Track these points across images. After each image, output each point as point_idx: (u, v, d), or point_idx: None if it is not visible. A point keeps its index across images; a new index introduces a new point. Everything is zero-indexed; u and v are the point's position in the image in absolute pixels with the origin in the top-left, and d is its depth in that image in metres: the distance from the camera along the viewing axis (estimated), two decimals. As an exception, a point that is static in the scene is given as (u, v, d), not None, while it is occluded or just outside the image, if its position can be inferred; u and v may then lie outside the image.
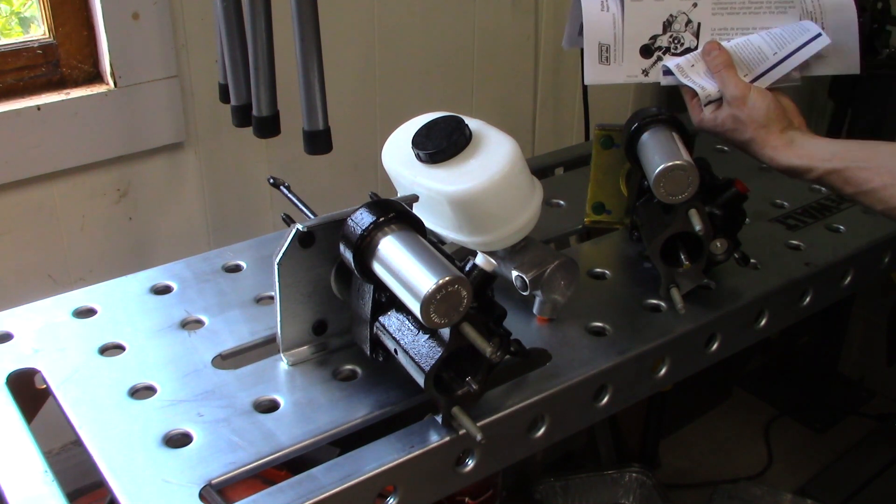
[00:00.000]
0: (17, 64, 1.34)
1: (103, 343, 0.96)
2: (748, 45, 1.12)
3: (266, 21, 1.21)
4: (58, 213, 1.38)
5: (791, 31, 1.12)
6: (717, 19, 1.14)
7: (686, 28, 1.13)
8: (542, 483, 1.93)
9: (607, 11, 1.14)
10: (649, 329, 1.01)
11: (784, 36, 1.12)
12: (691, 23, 1.13)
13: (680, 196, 0.99)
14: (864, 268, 1.24)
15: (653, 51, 1.14)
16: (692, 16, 1.13)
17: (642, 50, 1.14)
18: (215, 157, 1.52)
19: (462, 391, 0.81)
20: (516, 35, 1.86)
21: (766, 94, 1.05)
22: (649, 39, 1.14)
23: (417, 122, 1.03)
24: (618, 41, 1.13)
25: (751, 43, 1.12)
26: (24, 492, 0.77)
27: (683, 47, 1.14)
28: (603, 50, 1.13)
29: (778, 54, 1.10)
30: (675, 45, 1.14)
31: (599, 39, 1.13)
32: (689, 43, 1.14)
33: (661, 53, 1.14)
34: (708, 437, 2.29)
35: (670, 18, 1.13)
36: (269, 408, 0.87)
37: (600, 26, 1.13)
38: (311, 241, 0.89)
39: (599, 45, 1.13)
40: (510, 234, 1.00)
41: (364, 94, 1.67)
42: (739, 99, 1.05)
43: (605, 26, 1.13)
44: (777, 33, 1.13)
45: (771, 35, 1.13)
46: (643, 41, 1.14)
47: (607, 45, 1.13)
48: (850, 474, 2.15)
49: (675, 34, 1.14)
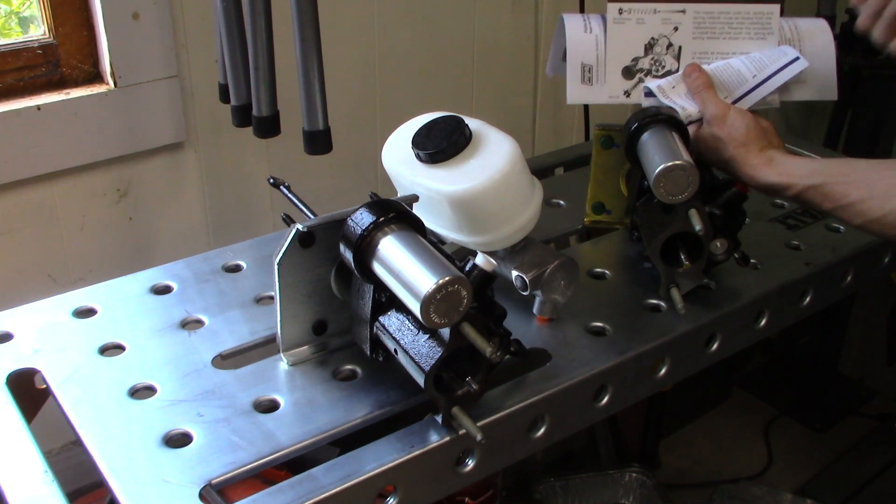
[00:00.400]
0: (17, 64, 1.33)
1: (103, 343, 0.96)
2: (728, 68, 1.15)
3: (266, 21, 1.21)
4: (58, 213, 1.38)
5: (770, 55, 1.15)
6: (697, 43, 1.17)
7: (667, 51, 1.16)
8: (542, 483, 1.93)
9: (590, 33, 1.16)
10: (649, 329, 1.01)
11: (763, 59, 1.15)
12: (672, 46, 1.16)
13: (680, 196, 0.99)
14: (864, 268, 1.24)
15: (634, 72, 1.17)
16: (673, 39, 1.16)
17: (624, 71, 1.17)
18: (215, 157, 1.52)
19: (462, 391, 0.81)
20: (516, 35, 1.86)
21: (745, 114, 1.06)
22: (631, 61, 1.17)
23: (417, 122, 1.03)
24: (600, 62, 1.16)
25: (730, 66, 1.15)
26: (24, 492, 0.77)
27: (664, 70, 1.17)
28: (585, 70, 1.16)
29: (757, 77, 1.13)
30: (656, 68, 1.17)
31: (582, 60, 1.16)
32: (670, 66, 1.17)
33: (642, 75, 1.17)
34: (708, 437, 2.29)
35: (652, 41, 1.16)
36: (269, 408, 0.87)
37: (583, 47, 1.16)
38: (311, 241, 0.89)
39: (582, 65, 1.16)
40: (510, 234, 1.00)
41: (364, 94, 1.67)
42: (720, 118, 1.06)
43: (588, 47, 1.16)
44: (756, 57, 1.15)
45: (750, 59, 1.15)
46: (625, 63, 1.17)
47: (590, 65, 1.16)
48: (850, 474, 2.15)
49: (656, 56, 1.16)
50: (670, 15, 1.15)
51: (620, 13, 1.15)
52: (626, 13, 1.15)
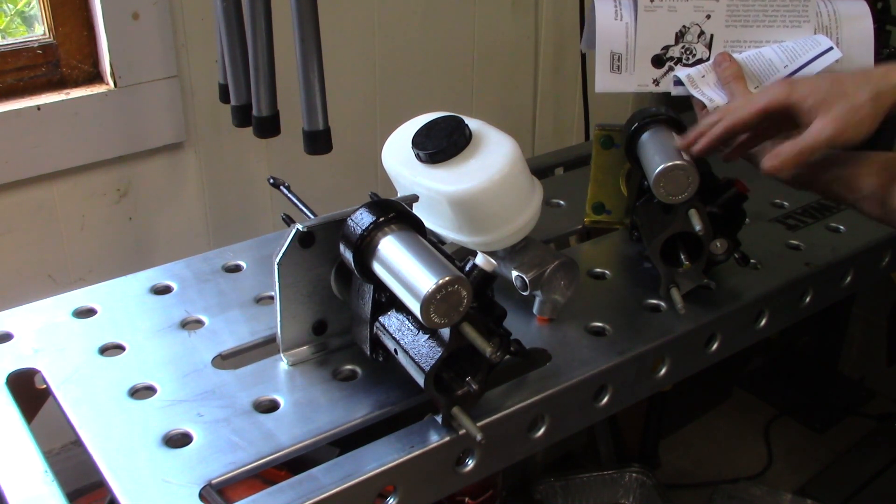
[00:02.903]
0: (17, 64, 1.34)
1: (103, 343, 0.96)
2: (759, 57, 1.12)
3: (266, 21, 1.21)
4: (58, 213, 1.38)
5: (803, 45, 1.12)
6: (730, 31, 1.13)
7: (699, 39, 1.13)
8: (542, 483, 1.93)
9: (620, 20, 1.14)
10: (649, 329, 1.01)
11: (795, 49, 1.12)
12: (704, 34, 1.13)
13: (680, 196, 0.99)
14: (864, 268, 1.24)
15: (664, 61, 1.14)
16: (705, 27, 1.13)
17: (654, 60, 1.14)
18: (215, 157, 1.52)
19: (462, 391, 0.81)
20: (516, 35, 1.86)
21: None
22: (661, 49, 1.14)
23: (417, 122, 1.03)
24: (630, 50, 1.13)
25: (762, 55, 1.12)
26: (24, 492, 0.77)
27: (695, 58, 1.14)
28: (615, 59, 1.13)
29: (789, 67, 1.10)
30: (686, 56, 1.14)
31: (612, 48, 1.13)
32: (700, 54, 1.14)
33: (672, 64, 1.14)
34: (708, 437, 2.29)
35: (683, 29, 1.13)
36: (269, 408, 0.87)
37: (613, 35, 1.13)
38: (311, 241, 0.89)
39: (611, 53, 1.13)
40: (510, 234, 1.00)
41: (364, 94, 1.67)
42: None
43: (617, 35, 1.13)
44: (789, 46, 1.12)
45: (782, 48, 1.12)
46: (655, 51, 1.14)
47: (619, 53, 1.13)
48: (850, 474, 2.15)
49: (687, 45, 1.13)
50: (703, 2, 1.12)
51: (652, 1, 1.12)
52: (657, 1, 1.12)
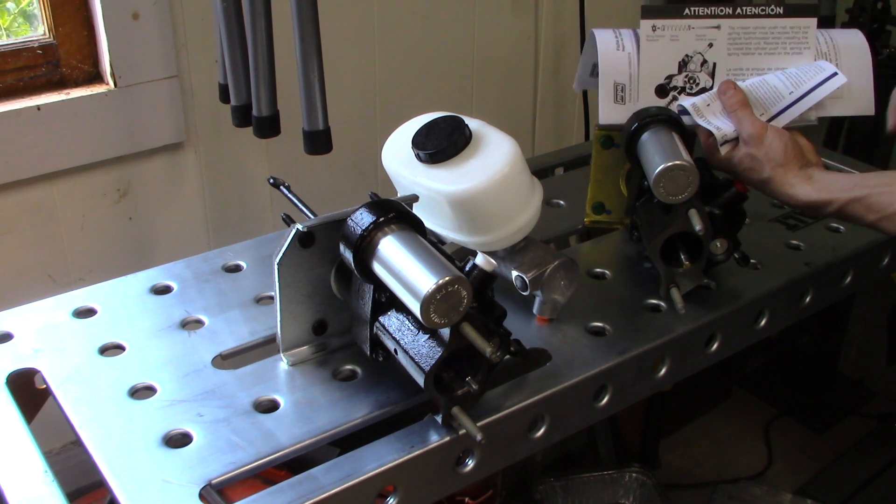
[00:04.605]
0: (17, 64, 1.34)
1: (103, 343, 0.96)
2: (764, 84, 1.12)
3: (266, 21, 1.21)
4: (58, 213, 1.38)
5: (807, 71, 1.12)
6: (732, 59, 1.14)
7: (702, 68, 1.13)
8: (542, 483, 1.93)
9: (623, 51, 1.13)
10: (649, 329, 1.01)
11: (800, 75, 1.12)
12: (707, 63, 1.13)
13: (680, 196, 0.99)
14: (864, 268, 1.24)
15: (668, 90, 1.14)
16: (708, 56, 1.13)
17: (658, 90, 1.14)
18: (215, 157, 1.52)
19: (462, 391, 0.81)
20: (516, 35, 1.86)
21: (782, 133, 1.05)
22: (665, 79, 1.14)
23: (417, 122, 1.03)
24: (633, 81, 1.13)
25: (766, 82, 1.12)
26: (24, 492, 0.77)
27: (699, 87, 1.14)
28: (618, 89, 1.13)
29: (794, 93, 1.10)
30: (690, 86, 1.14)
31: (615, 79, 1.13)
32: (704, 83, 1.14)
33: (676, 93, 1.14)
34: (708, 437, 2.29)
35: (686, 58, 1.13)
36: (269, 408, 0.87)
37: (616, 66, 1.13)
38: (311, 241, 0.89)
39: (615, 84, 1.13)
40: (510, 234, 1.00)
41: (364, 94, 1.67)
42: (756, 138, 1.04)
43: (620, 66, 1.13)
44: (793, 73, 1.12)
45: (787, 74, 1.12)
46: (659, 81, 1.14)
47: (622, 84, 1.13)
48: (850, 474, 2.15)
49: (690, 74, 1.13)
50: (705, 31, 1.12)
51: (654, 30, 1.12)
52: (659, 30, 1.12)
